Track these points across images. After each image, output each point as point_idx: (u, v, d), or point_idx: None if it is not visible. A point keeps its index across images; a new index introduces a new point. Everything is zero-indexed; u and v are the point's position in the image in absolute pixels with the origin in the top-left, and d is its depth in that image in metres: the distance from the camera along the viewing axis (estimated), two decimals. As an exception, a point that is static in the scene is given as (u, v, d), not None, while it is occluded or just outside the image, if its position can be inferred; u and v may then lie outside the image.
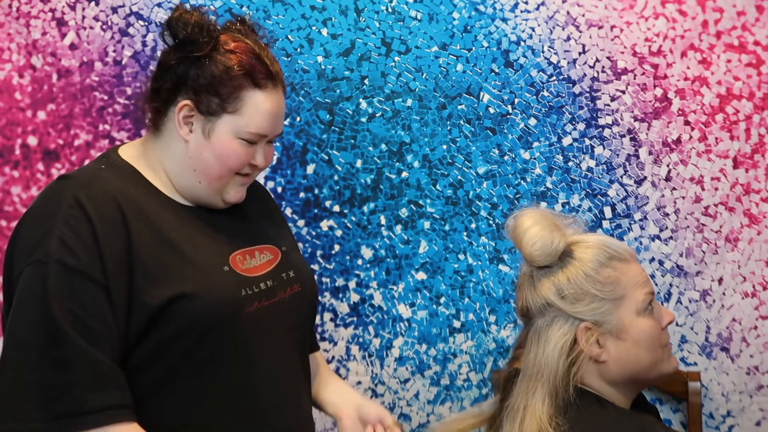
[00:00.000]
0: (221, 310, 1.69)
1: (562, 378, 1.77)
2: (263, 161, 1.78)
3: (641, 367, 1.80)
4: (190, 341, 1.68)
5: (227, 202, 1.79)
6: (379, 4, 2.53)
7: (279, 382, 1.79)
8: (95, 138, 2.52)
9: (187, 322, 1.67)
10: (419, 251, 2.54)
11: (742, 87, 2.50)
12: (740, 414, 2.51)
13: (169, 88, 1.73)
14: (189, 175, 1.75)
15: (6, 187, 2.51)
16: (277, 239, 1.87)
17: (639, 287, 1.81)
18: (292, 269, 1.84)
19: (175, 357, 1.68)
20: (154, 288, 1.65)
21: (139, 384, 1.67)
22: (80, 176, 1.73)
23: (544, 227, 1.81)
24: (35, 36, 2.52)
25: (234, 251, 1.77)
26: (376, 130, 2.54)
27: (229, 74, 1.71)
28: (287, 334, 1.81)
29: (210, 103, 1.71)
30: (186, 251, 1.70)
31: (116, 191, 1.69)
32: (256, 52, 1.75)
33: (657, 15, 2.51)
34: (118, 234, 1.65)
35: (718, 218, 2.51)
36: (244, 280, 1.74)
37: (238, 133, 1.73)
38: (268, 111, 1.74)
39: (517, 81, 2.53)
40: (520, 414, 1.78)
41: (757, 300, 2.51)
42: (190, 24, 1.72)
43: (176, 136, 1.75)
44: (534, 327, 1.82)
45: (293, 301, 1.82)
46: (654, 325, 1.81)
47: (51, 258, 1.61)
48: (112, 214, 1.66)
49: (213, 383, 1.71)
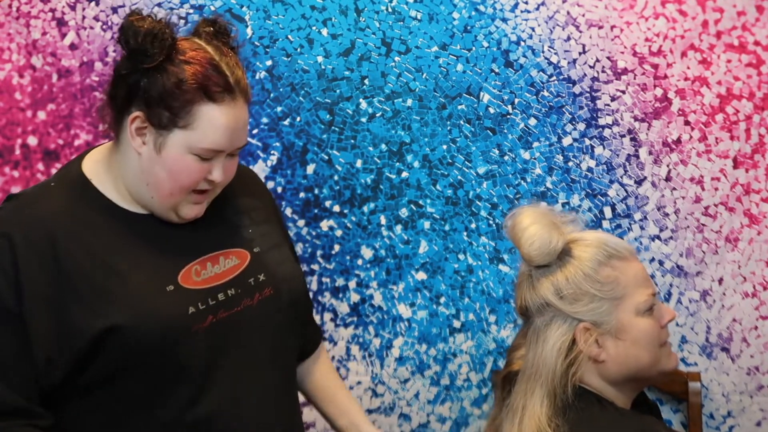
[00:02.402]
0: (160, 336, 1.61)
1: (560, 378, 1.76)
2: (221, 176, 1.67)
3: (641, 366, 1.79)
4: (131, 372, 1.62)
5: (182, 218, 1.69)
6: (379, 4, 2.53)
7: (248, 396, 1.70)
8: (95, 138, 2.52)
9: (123, 355, 1.61)
10: (419, 251, 2.54)
11: (742, 87, 2.50)
12: (740, 414, 2.51)
13: (123, 96, 1.65)
14: (142, 188, 1.67)
15: (6, 187, 2.51)
16: (251, 240, 1.77)
17: (640, 288, 1.79)
18: (263, 272, 1.74)
19: (119, 388, 1.63)
20: (89, 317, 1.60)
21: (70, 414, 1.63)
22: (24, 197, 1.69)
23: (542, 226, 1.80)
24: (35, 36, 2.52)
25: (188, 263, 1.68)
26: (376, 130, 2.53)
27: (180, 87, 1.61)
28: (257, 343, 1.72)
29: (161, 117, 1.62)
30: (125, 275, 1.63)
31: (52, 217, 1.64)
32: (215, 61, 1.64)
33: (657, 15, 2.50)
34: (45, 261, 1.60)
35: (718, 218, 2.51)
36: (192, 296, 1.66)
37: (190, 149, 1.63)
38: (224, 125, 1.63)
39: (517, 81, 2.53)
40: (518, 414, 1.78)
41: (758, 300, 2.51)
42: (141, 33, 1.61)
43: (130, 147, 1.66)
44: (533, 326, 1.82)
45: (263, 306, 1.73)
46: (654, 325, 1.80)
47: None
48: (40, 241, 1.61)
49: (159, 416, 1.64)
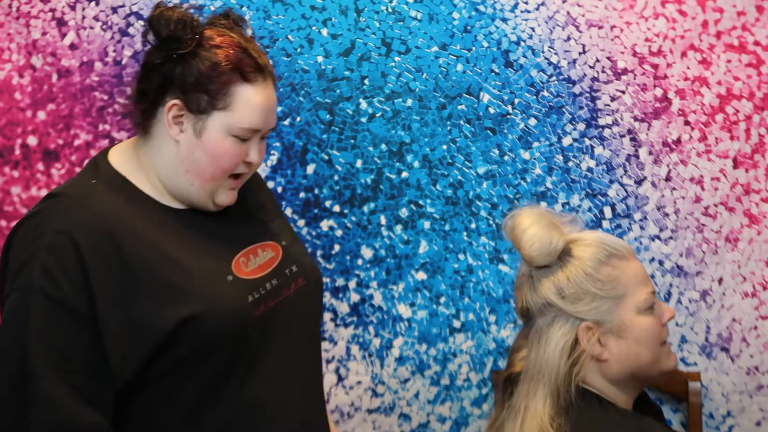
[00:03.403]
0: (230, 325, 1.66)
1: (563, 378, 1.77)
2: (257, 157, 1.72)
3: (642, 364, 1.80)
4: (198, 359, 1.65)
5: (217, 205, 1.73)
6: (379, 4, 2.53)
7: (291, 381, 1.76)
8: (95, 138, 2.52)
9: (198, 342, 1.64)
10: (419, 251, 2.54)
11: (742, 87, 2.50)
12: (740, 414, 2.51)
13: (156, 88, 1.68)
14: (181, 176, 1.69)
15: (6, 187, 2.51)
16: (277, 233, 1.82)
17: (640, 286, 1.80)
18: (295, 263, 1.80)
19: (182, 375, 1.65)
20: (161, 310, 1.61)
21: (142, 403, 1.65)
22: (70, 195, 1.68)
23: (542, 227, 1.80)
24: (35, 36, 2.52)
25: (236, 255, 1.72)
26: (376, 130, 2.54)
27: (216, 70, 1.65)
28: (297, 331, 1.78)
29: (199, 101, 1.65)
30: (187, 266, 1.66)
31: (107, 211, 1.64)
32: (243, 45, 1.69)
33: (657, 15, 2.51)
34: (110, 260, 1.60)
35: (718, 218, 2.51)
36: (249, 285, 1.70)
37: (230, 130, 1.67)
38: (260, 105, 1.68)
39: (517, 81, 2.53)
40: (521, 415, 1.78)
41: (757, 300, 2.51)
42: (173, 21, 1.65)
43: (166, 138, 1.69)
44: (534, 327, 1.82)
45: (299, 295, 1.78)
46: (654, 323, 1.81)
47: (33, 287, 1.57)
48: (102, 239, 1.60)
49: (220, 396, 1.68)
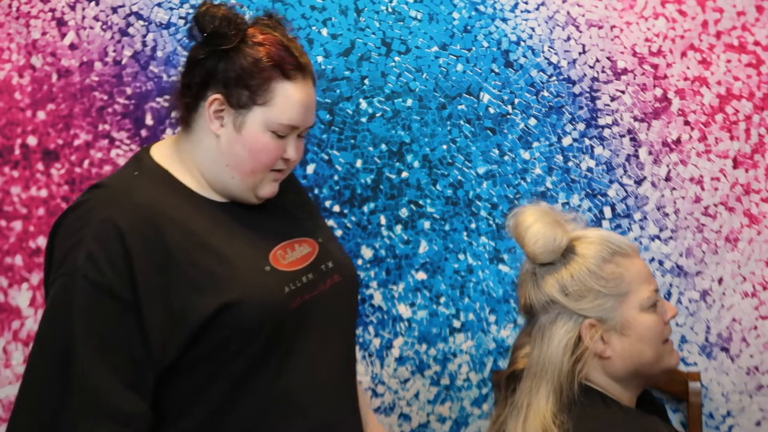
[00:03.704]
0: (267, 313, 1.69)
1: (566, 375, 1.77)
2: (295, 154, 1.76)
3: (645, 361, 1.80)
4: (235, 347, 1.67)
5: (260, 197, 1.78)
6: (379, 4, 2.53)
7: (324, 373, 1.78)
8: (95, 138, 2.52)
9: (235, 329, 1.66)
10: (419, 251, 2.54)
11: (742, 87, 2.50)
12: (740, 414, 2.51)
13: (199, 83, 1.73)
14: (222, 170, 1.74)
15: (6, 187, 2.51)
16: (313, 231, 1.86)
17: (643, 284, 1.81)
18: (331, 260, 1.83)
19: (220, 363, 1.67)
20: (200, 297, 1.64)
21: (179, 390, 1.68)
22: (114, 185, 1.72)
23: (545, 224, 1.81)
24: (35, 36, 2.52)
25: (274, 247, 1.76)
26: (376, 130, 2.53)
27: (258, 66, 1.70)
28: (331, 325, 1.80)
29: (240, 96, 1.70)
30: (226, 255, 1.69)
31: (150, 202, 1.68)
32: (285, 43, 1.74)
33: (657, 15, 2.51)
34: (153, 249, 1.63)
35: (718, 218, 2.51)
36: (286, 277, 1.74)
37: (269, 126, 1.71)
38: (299, 102, 1.72)
39: (517, 81, 2.53)
40: (523, 412, 1.79)
41: (757, 300, 2.51)
42: (218, 17, 1.71)
43: (208, 132, 1.73)
44: (537, 324, 1.82)
45: (334, 291, 1.81)
46: (657, 321, 1.81)
47: (78, 273, 1.60)
48: (146, 228, 1.64)
49: (254, 387, 1.70)
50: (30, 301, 2.49)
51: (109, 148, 2.51)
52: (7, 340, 2.48)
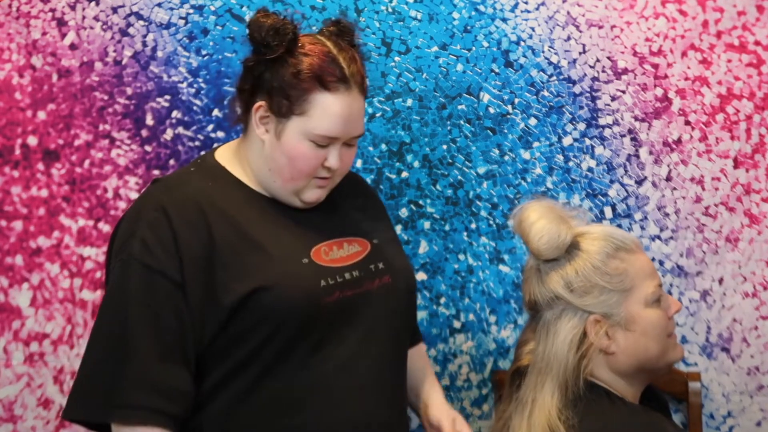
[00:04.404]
0: (297, 302, 1.73)
1: (572, 371, 1.78)
2: (336, 163, 1.80)
3: (650, 356, 1.80)
4: (267, 331, 1.73)
5: (305, 202, 1.83)
6: (379, 4, 2.53)
7: (365, 374, 1.80)
8: (95, 138, 2.52)
9: (265, 312, 1.73)
10: (419, 251, 2.54)
11: (742, 87, 2.49)
12: (741, 414, 2.51)
13: (249, 89, 1.81)
14: (266, 173, 1.82)
15: (6, 187, 2.51)
16: (369, 232, 1.90)
17: (647, 279, 1.82)
18: (382, 261, 1.87)
19: (250, 348, 1.74)
20: (235, 284, 1.73)
21: (212, 377, 1.75)
22: (169, 180, 1.85)
23: (550, 220, 1.81)
24: (35, 36, 2.52)
25: (318, 244, 1.81)
26: (376, 130, 2.53)
27: (298, 77, 1.76)
28: (378, 325, 1.82)
29: (281, 105, 1.77)
30: (267, 247, 1.76)
31: (199, 194, 1.78)
32: (332, 54, 1.79)
33: (657, 15, 2.50)
34: (199, 236, 1.74)
35: (719, 218, 2.50)
36: (324, 271, 1.78)
37: (306, 135, 1.77)
38: (337, 114, 1.76)
39: (517, 81, 2.53)
40: (528, 407, 1.79)
41: (758, 300, 2.50)
42: (265, 27, 1.77)
43: (256, 136, 1.82)
44: (542, 320, 1.83)
45: (383, 291, 1.84)
46: (662, 315, 1.82)
47: (133, 258, 1.73)
48: (193, 217, 1.75)
49: (281, 374, 1.75)
50: (30, 301, 2.49)
51: (110, 148, 2.51)
52: (7, 340, 2.48)
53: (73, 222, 2.50)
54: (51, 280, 2.50)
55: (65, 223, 2.50)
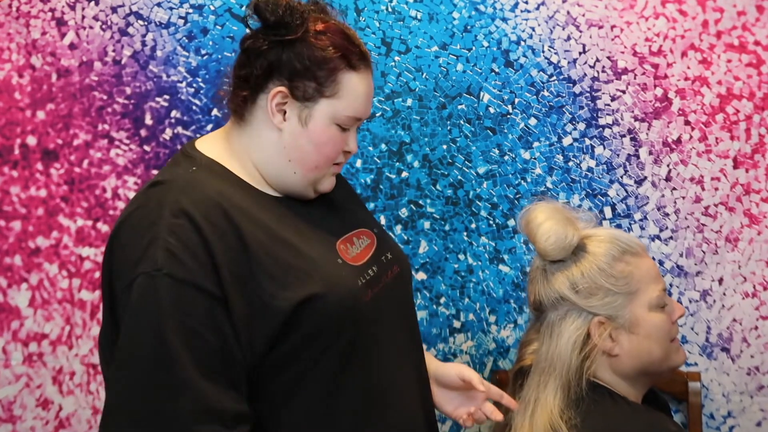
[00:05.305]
0: (348, 306, 1.63)
1: (575, 372, 1.78)
2: (355, 147, 1.72)
3: (653, 360, 1.81)
4: (323, 342, 1.61)
5: (319, 192, 1.73)
6: (379, 4, 2.53)
7: (402, 370, 1.75)
8: (94, 138, 2.51)
9: (320, 322, 1.59)
10: (419, 251, 2.54)
11: (742, 87, 2.50)
12: (741, 414, 2.51)
13: (260, 74, 1.64)
14: (283, 165, 1.66)
15: (5, 187, 2.51)
16: (368, 221, 1.83)
17: (652, 283, 1.82)
18: (389, 251, 1.79)
19: (306, 360, 1.61)
20: (281, 291, 1.57)
21: (269, 392, 1.60)
22: (176, 181, 1.61)
23: (557, 221, 1.82)
24: (35, 36, 2.52)
25: (337, 241, 1.70)
26: (376, 130, 2.53)
27: (325, 57, 1.63)
28: (398, 317, 1.78)
29: (306, 89, 1.63)
30: (300, 247, 1.62)
31: (217, 194, 1.59)
32: (346, 32, 1.67)
33: (657, 15, 2.50)
34: (230, 241, 1.55)
35: (719, 218, 2.51)
36: (357, 270, 1.68)
37: (335, 118, 1.65)
38: (364, 93, 1.67)
39: (517, 81, 2.52)
40: (530, 407, 1.80)
41: (758, 300, 2.50)
42: (281, 6, 1.63)
43: (268, 125, 1.65)
44: (546, 321, 1.83)
45: (395, 282, 1.77)
46: (666, 319, 1.82)
47: (159, 271, 1.50)
48: (220, 220, 1.56)
49: (344, 384, 1.64)
50: (29, 301, 2.49)
51: (109, 147, 2.51)
52: (6, 340, 2.48)
53: (71, 222, 2.49)
54: (50, 280, 2.49)
55: (64, 223, 2.49)
